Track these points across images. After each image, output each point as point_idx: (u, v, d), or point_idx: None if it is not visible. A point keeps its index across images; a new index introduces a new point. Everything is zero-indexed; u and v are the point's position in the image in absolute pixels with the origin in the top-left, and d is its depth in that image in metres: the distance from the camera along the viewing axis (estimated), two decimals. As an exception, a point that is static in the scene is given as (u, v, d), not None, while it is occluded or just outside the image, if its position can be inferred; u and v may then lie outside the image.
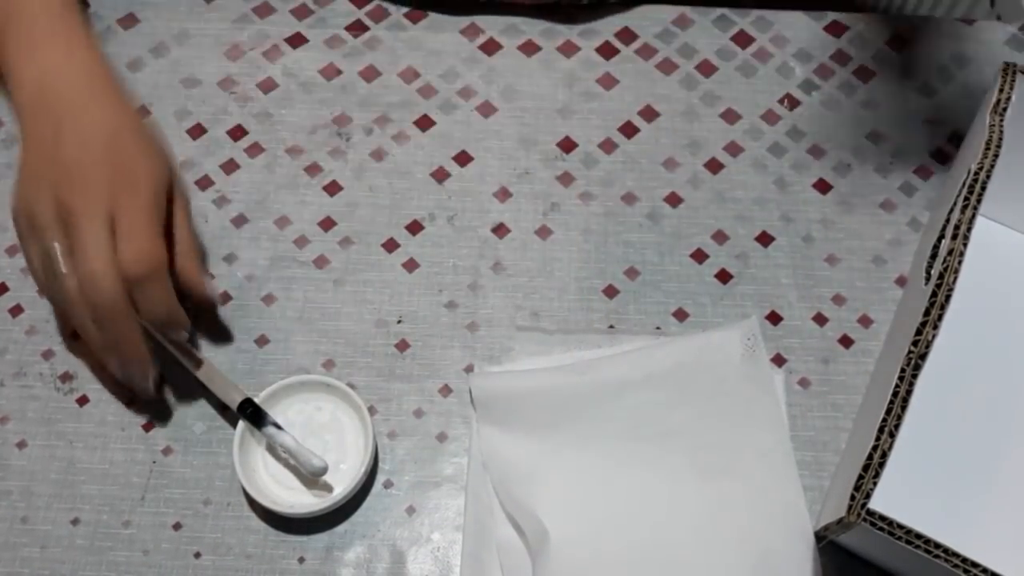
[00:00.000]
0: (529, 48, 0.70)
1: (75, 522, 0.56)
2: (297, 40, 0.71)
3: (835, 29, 0.71)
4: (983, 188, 0.54)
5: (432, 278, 0.63)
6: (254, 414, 0.55)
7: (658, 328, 0.61)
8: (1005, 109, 0.56)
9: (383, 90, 0.69)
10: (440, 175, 0.66)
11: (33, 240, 0.53)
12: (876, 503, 0.46)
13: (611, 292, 0.63)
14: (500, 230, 0.64)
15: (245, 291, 0.62)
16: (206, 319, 0.61)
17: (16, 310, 0.62)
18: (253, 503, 0.56)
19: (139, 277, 0.52)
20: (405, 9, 0.72)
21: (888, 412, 0.48)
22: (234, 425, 0.56)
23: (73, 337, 0.61)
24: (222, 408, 0.58)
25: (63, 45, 0.56)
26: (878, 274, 0.63)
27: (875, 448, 0.47)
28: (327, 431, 0.57)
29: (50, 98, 0.54)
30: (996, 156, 0.55)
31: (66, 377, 0.60)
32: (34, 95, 0.55)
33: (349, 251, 0.64)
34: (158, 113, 0.68)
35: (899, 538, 0.45)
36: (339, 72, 0.69)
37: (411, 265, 0.63)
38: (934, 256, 0.55)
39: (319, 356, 0.60)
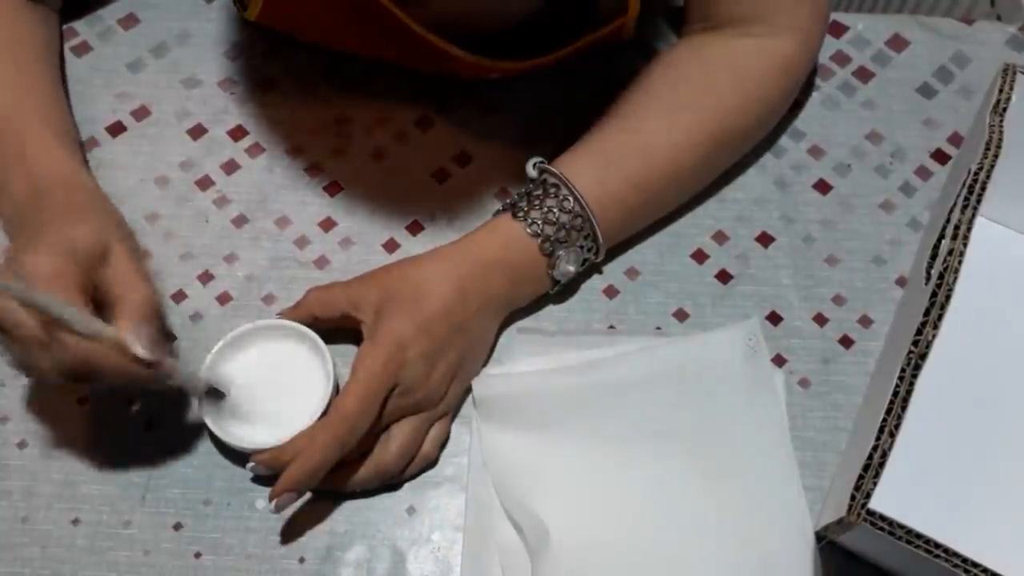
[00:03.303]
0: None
1: (75, 522, 0.56)
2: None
3: (835, 29, 0.71)
4: (983, 188, 0.54)
5: (432, 278, 0.63)
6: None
7: (658, 328, 0.61)
8: (1005, 109, 0.57)
9: (384, 89, 0.68)
10: (440, 175, 0.66)
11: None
12: (876, 503, 0.46)
13: (611, 292, 0.63)
14: (500, 230, 0.64)
15: (245, 291, 0.62)
16: (206, 318, 0.61)
17: (16, 310, 0.62)
18: (220, 444, 0.57)
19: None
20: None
21: (888, 412, 0.48)
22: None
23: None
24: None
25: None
26: (878, 274, 0.63)
27: (875, 448, 0.47)
28: (288, 371, 0.57)
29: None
30: (996, 156, 0.55)
31: (66, 377, 0.60)
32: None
33: (350, 251, 0.64)
34: (158, 113, 0.68)
35: (899, 538, 0.45)
36: (339, 72, 0.69)
37: (411, 265, 0.63)
38: (934, 256, 0.55)
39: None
